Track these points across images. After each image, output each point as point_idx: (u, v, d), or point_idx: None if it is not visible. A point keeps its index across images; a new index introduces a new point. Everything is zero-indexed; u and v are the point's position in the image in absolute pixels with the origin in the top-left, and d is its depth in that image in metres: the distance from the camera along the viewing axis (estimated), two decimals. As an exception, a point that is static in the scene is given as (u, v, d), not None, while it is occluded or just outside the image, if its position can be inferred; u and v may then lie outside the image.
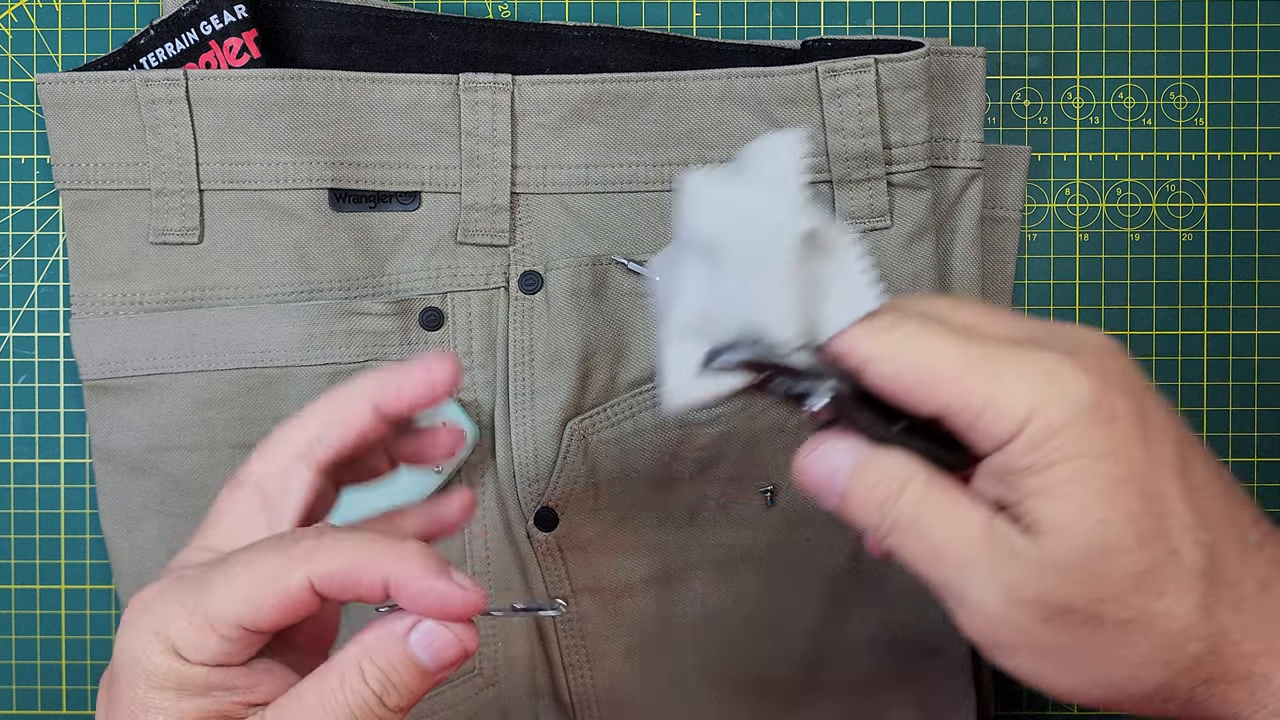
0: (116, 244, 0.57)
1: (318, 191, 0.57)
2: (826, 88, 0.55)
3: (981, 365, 0.36)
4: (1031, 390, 0.35)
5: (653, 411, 0.57)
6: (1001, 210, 0.61)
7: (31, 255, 0.61)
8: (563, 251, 0.57)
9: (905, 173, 0.56)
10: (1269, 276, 0.62)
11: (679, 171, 0.57)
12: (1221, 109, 0.62)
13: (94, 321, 0.57)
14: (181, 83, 0.56)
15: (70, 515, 0.61)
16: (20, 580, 0.61)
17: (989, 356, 0.36)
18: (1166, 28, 0.62)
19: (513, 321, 0.57)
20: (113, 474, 0.58)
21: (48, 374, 0.61)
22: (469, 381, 0.57)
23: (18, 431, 0.61)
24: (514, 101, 0.57)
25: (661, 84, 0.57)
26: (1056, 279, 0.62)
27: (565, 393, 0.56)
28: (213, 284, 0.57)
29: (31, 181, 0.61)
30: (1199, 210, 0.62)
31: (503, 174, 0.57)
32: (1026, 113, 0.62)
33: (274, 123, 0.56)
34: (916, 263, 0.57)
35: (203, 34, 0.56)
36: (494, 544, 0.58)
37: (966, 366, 0.36)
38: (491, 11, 0.61)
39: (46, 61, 0.61)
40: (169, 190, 0.57)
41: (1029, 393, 0.35)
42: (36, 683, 0.61)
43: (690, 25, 0.61)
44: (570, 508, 0.57)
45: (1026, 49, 0.62)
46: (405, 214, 0.58)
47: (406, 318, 0.57)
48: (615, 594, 0.58)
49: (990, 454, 0.36)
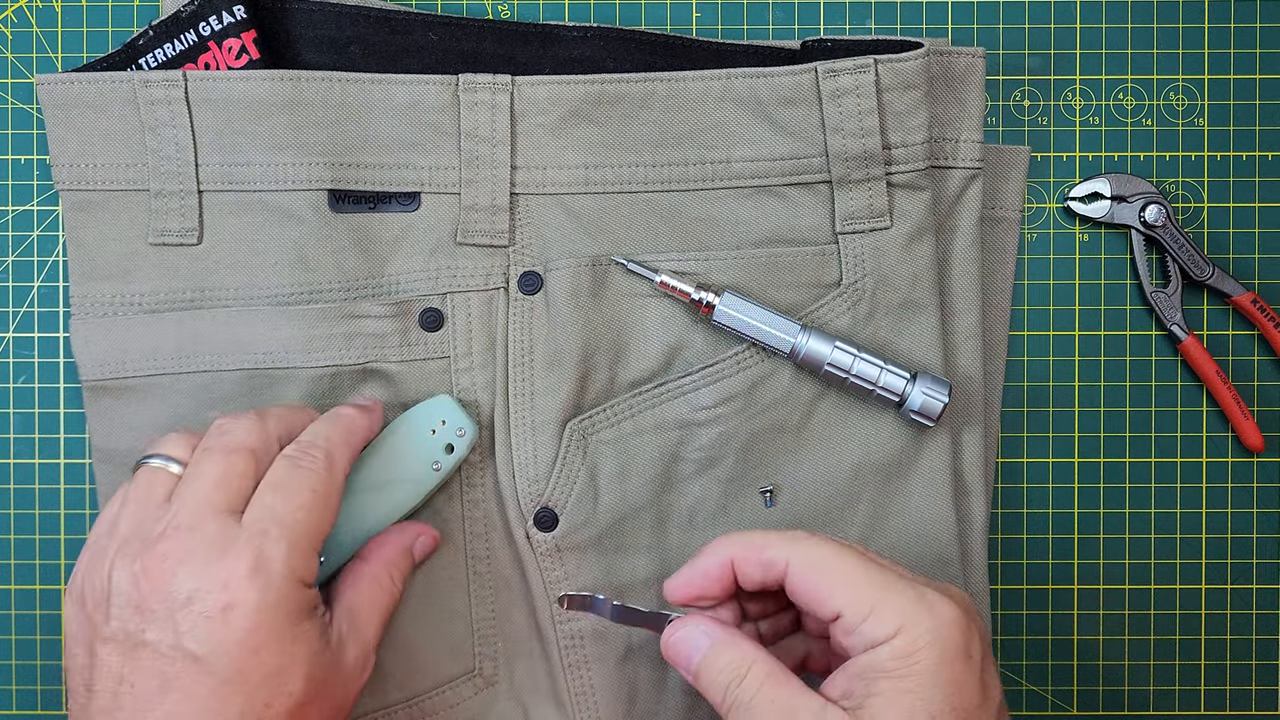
0: (116, 245, 0.57)
1: (317, 192, 0.57)
2: (826, 88, 0.55)
3: (876, 581, 0.45)
4: (906, 611, 0.44)
5: (653, 411, 0.57)
6: (1001, 210, 0.61)
7: (31, 255, 0.61)
8: (562, 252, 0.57)
9: (905, 173, 0.56)
10: (1269, 276, 0.62)
11: (679, 171, 0.57)
12: (1221, 109, 0.61)
13: (93, 322, 0.57)
14: (180, 84, 0.56)
15: (70, 515, 0.61)
16: (20, 580, 0.61)
17: (883, 579, 0.45)
18: (1166, 28, 0.61)
19: (512, 322, 0.57)
20: (113, 474, 0.58)
21: (48, 374, 0.61)
22: (469, 382, 0.57)
23: (18, 431, 0.61)
24: (514, 102, 0.57)
25: (661, 84, 0.57)
26: (1056, 279, 0.62)
27: (565, 393, 0.56)
28: (212, 285, 0.57)
29: (31, 181, 0.61)
30: (1199, 210, 0.62)
31: (502, 174, 0.57)
32: (1026, 113, 0.62)
33: (273, 123, 0.56)
34: (916, 263, 0.57)
35: (202, 35, 0.56)
36: (494, 544, 0.58)
37: (865, 580, 0.45)
38: (491, 12, 0.61)
39: (46, 62, 0.61)
40: (168, 191, 0.57)
41: (904, 612, 0.44)
42: (36, 683, 0.61)
43: (690, 25, 0.61)
44: (570, 508, 0.57)
45: (1026, 49, 0.61)
46: (405, 214, 0.58)
47: (406, 318, 0.57)
48: (615, 594, 0.58)
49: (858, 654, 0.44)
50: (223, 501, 0.47)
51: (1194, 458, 0.62)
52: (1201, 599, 0.62)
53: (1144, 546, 0.62)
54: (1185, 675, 0.62)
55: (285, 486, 0.49)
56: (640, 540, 0.58)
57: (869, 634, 0.44)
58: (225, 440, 0.49)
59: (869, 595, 0.44)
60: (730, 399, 0.56)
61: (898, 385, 0.55)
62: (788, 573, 0.46)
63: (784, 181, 0.57)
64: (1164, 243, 0.60)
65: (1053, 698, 0.62)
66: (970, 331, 0.58)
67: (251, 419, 0.50)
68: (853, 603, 0.44)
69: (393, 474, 0.55)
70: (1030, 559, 0.62)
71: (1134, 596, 0.62)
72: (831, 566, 0.46)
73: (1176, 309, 0.61)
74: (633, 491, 0.57)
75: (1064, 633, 0.62)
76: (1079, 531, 0.62)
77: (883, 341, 0.57)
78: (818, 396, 0.57)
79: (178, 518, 0.47)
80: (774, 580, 0.47)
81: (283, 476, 0.49)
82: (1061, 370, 0.62)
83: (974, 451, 0.58)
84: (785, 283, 0.57)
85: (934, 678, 0.43)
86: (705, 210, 0.57)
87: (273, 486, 0.49)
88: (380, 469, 0.55)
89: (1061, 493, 0.62)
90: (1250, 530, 0.62)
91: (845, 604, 0.45)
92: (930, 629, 0.44)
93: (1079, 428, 0.62)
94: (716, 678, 0.46)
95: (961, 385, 0.58)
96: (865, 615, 0.44)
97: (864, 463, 0.57)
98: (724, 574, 0.48)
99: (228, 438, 0.49)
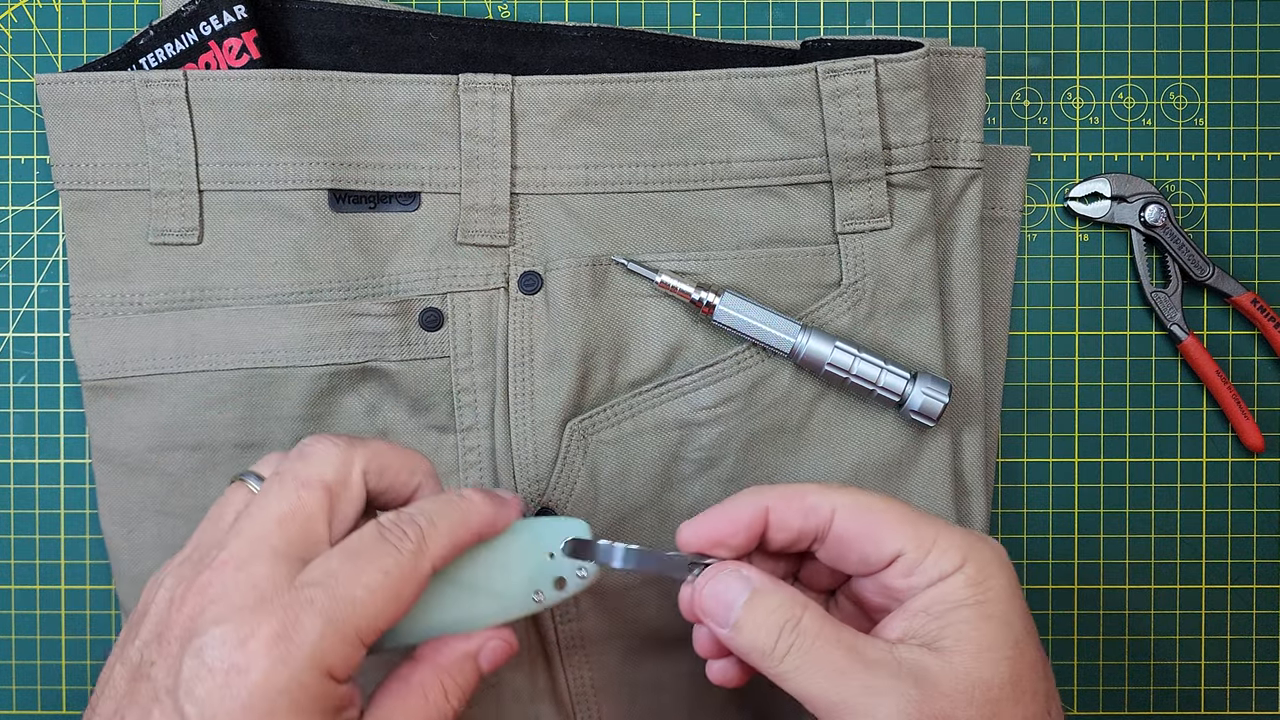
0: (116, 244, 0.57)
1: (317, 192, 0.57)
2: (826, 88, 0.55)
3: (928, 519, 0.44)
4: (967, 543, 0.43)
5: (653, 411, 0.57)
6: (1001, 210, 0.61)
7: (31, 255, 0.61)
8: (562, 252, 0.57)
9: (905, 173, 0.56)
10: (1269, 276, 0.62)
11: (679, 171, 0.57)
12: (1221, 109, 0.61)
13: (93, 322, 0.57)
14: (181, 83, 0.56)
15: (70, 515, 0.61)
16: (20, 580, 0.61)
17: (933, 519, 0.44)
18: (1166, 28, 0.62)
19: (513, 322, 0.57)
20: (113, 474, 0.58)
21: (48, 374, 0.61)
22: (469, 381, 0.57)
23: (18, 431, 0.61)
24: (514, 102, 0.57)
25: (661, 84, 0.57)
26: (1056, 279, 0.62)
27: (565, 393, 0.56)
28: (212, 284, 0.57)
29: (31, 181, 0.61)
30: (1199, 210, 0.62)
31: (502, 174, 0.57)
32: (1026, 113, 0.62)
33: (274, 123, 0.56)
34: (916, 263, 0.57)
35: (202, 34, 0.56)
36: (494, 544, 0.58)
37: (919, 518, 0.44)
38: (491, 12, 0.61)
39: (46, 62, 0.61)
40: (168, 191, 0.57)
41: (966, 544, 0.43)
42: (36, 683, 0.61)
43: (690, 25, 0.61)
44: (570, 508, 0.57)
45: (1026, 49, 0.62)
46: (405, 214, 0.58)
47: (406, 318, 0.57)
48: (615, 594, 0.58)
49: (920, 592, 0.43)
50: (282, 542, 0.41)
51: (1194, 458, 0.62)
52: (1201, 599, 0.62)
53: (1144, 546, 0.62)
54: (1185, 675, 0.62)
55: (359, 556, 0.41)
56: (640, 540, 0.57)
57: (935, 567, 0.43)
58: (301, 469, 0.43)
59: (928, 531, 0.43)
60: (730, 399, 0.56)
61: (898, 385, 0.55)
62: (835, 519, 0.44)
63: (784, 181, 0.57)
64: (1164, 243, 0.60)
65: (1053, 698, 0.62)
66: (970, 331, 0.58)
67: (338, 446, 0.44)
68: (914, 538, 0.43)
69: (486, 581, 0.46)
70: (1030, 559, 0.62)
71: (1134, 596, 0.62)
72: (883, 509, 0.44)
73: (1176, 309, 0.61)
74: (633, 491, 0.57)
75: (1064, 633, 0.62)
76: (1079, 531, 0.62)
77: (883, 341, 0.57)
78: (818, 396, 0.57)
79: (231, 549, 0.41)
80: (813, 529, 0.45)
81: (362, 544, 0.41)
82: (1061, 370, 0.62)
83: (974, 451, 0.58)
84: (785, 283, 0.57)
85: (1010, 602, 0.42)
86: (705, 210, 0.57)
87: (346, 551, 0.41)
88: (476, 568, 0.46)
89: (1061, 493, 0.62)
90: (1250, 530, 0.62)
91: (906, 541, 0.43)
92: (994, 558, 0.43)
93: (1079, 428, 0.62)
94: (766, 620, 0.42)
95: (961, 385, 0.58)
96: (929, 549, 0.43)
97: (864, 463, 0.57)
98: (754, 523, 0.45)
99: (305, 466, 0.43)
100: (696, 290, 0.56)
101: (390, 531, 0.42)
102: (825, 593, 0.49)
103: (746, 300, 0.56)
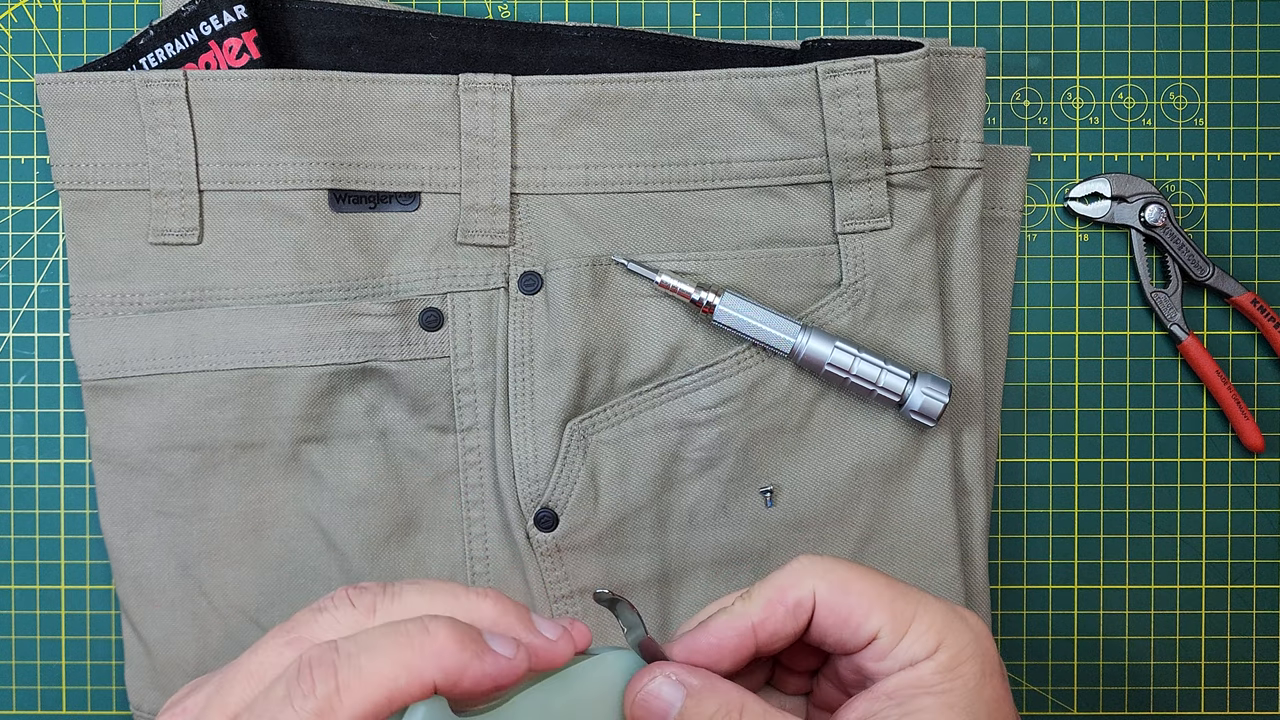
0: (116, 244, 0.57)
1: (317, 192, 0.57)
2: (826, 88, 0.55)
3: (906, 595, 0.42)
4: (945, 624, 0.41)
5: (653, 411, 0.57)
6: (1001, 210, 0.61)
7: (31, 255, 0.61)
8: (563, 252, 0.57)
9: (905, 173, 0.56)
10: (1269, 276, 0.62)
11: (679, 171, 0.57)
12: (1221, 109, 0.61)
13: (93, 322, 0.57)
14: (181, 83, 0.56)
15: (70, 515, 0.61)
16: (20, 580, 0.61)
17: (911, 593, 0.42)
18: (1166, 28, 0.62)
19: (513, 322, 0.57)
20: (113, 474, 0.58)
21: (48, 374, 0.61)
22: (469, 381, 0.57)
23: (18, 431, 0.61)
24: (514, 102, 0.57)
25: (661, 84, 0.57)
26: (1056, 279, 0.62)
27: (565, 393, 0.56)
28: (212, 284, 0.57)
29: (31, 181, 0.61)
30: (1199, 210, 0.62)
31: (502, 174, 0.57)
32: (1026, 113, 0.62)
33: (274, 123, 0.56)
34: (916, 263, 0.57)
35: (202, 34, 0.56)
36: (494, 544, 0.58)
37: (895, 593, 0.42)
38: (491, 12, 0.61)
39: (46, 62, 0.61)
40: (168, 191, 0.57)
41: (943, 626, 0.41)
42: (36, 683, 0.61)
43: (690, 25, 0.61)
44: (570, 508, 0.57)
45: (1026, 49, 0.62)
46: (405, 214, 0.58)
47: (406, 318, 0.57)
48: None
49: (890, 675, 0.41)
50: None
51: (1194, 458, 0.62)
52: (1201, 599, 0.62)
53: (1144, 546, 0.62)
54: (1185, 675, 0.62)
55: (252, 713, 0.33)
56: (640, 540, 0.58)
57: (907, 651, 0.41)
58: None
59: (906, 609, 0.41)
60: (730, 399, 0.56)
61: (898, 385, 0.55)
62: (816, 605, 0.42)
63: (784, 181, 0.57)
64: (1164, 243, 0.60)
65: (1053, 698, 0.62)
66: (970, 331, 0.58)
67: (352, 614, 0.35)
68: (892, 619, 0.41)
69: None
70: (1030, 559, 0.62)
71: (1134, 596, 0.62)
72: (861, 589, 0.42)
73: (1176, 309, 0.61)
74: (633, 491, 0.57)
75: (1064, 633, 0.62)
76: (1079, 531, 0.62)
77: (883, 341, 0.57)
78: (818, 397, 0.57)
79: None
80: (805, 623, 0.42)
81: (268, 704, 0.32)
82: (1061, 370, 0.62)
83: (974, 451, 0.58)
84: (785, 283, 0.57)
85: (977, 693, 0.41)
86: (705, 210, 0.57)
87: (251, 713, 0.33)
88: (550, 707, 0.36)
89: (1061, 493, 0.62)
90: (1250, 530, 0.62)
91: (884, 622, 0.41)
92: (971, 642, 0.41)
93: (1079, 428, 0.62)
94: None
95: (961, 385, 0.58)
96: (904, 631, 0.41)
97: (864, 463, 0.57)
98: (740, 649, 0.42)
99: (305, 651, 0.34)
100: (696, 290, 0.56)
101: (300, 682, 0.32)
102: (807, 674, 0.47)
103: (746, 300, 0.56)
